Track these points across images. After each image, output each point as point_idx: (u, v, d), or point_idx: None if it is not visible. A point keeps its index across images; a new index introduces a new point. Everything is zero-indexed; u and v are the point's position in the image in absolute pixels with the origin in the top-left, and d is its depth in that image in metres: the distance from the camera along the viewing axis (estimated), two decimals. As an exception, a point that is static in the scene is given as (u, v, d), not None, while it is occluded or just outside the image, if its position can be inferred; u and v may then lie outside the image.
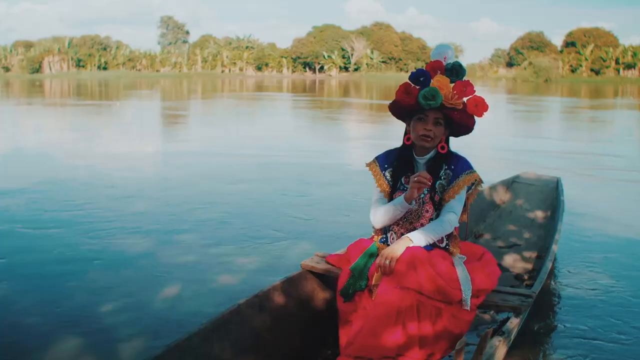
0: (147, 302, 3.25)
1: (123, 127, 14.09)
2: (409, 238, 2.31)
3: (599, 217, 5.35)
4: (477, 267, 2.43)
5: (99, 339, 2.81)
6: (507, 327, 2.31)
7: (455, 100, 2.30)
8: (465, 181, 2.39)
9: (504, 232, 4.31)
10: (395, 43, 77.44)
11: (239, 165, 8.16)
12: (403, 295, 2.16)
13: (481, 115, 2.35)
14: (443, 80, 2.31)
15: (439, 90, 2.28)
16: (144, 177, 7.22)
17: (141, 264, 3.88)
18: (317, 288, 2.78)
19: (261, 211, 5.40)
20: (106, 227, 4.73)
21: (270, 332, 2.46)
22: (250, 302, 2.44)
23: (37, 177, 6.79)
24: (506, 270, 3.55)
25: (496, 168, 7.40)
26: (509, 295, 2.52)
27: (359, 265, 2.39)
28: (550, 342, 2.90)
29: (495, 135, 12.25)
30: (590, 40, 70.48)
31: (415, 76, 2.35)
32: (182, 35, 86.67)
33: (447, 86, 2.31)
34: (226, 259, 4.01)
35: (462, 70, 2.37)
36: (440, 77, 2.33)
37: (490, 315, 3.07)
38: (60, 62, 69.28)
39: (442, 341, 2.23)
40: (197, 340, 2.15)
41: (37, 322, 2.98)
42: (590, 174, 7.88)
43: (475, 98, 2.32)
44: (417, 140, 2.39)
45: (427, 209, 2.40)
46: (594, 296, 3.44)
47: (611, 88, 47.33)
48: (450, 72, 2.36)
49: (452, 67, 2.37)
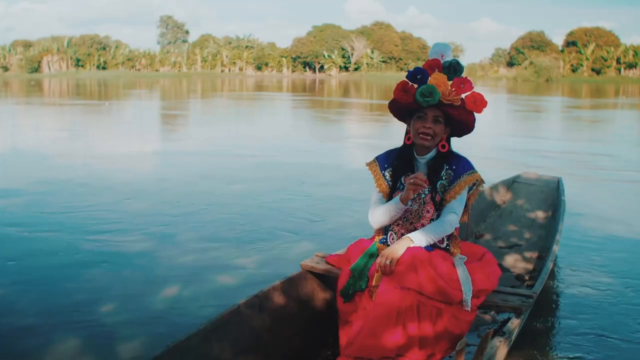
0: (146, 303, 3.25)
1: (108, 127, 14.03)
2: (409, 238, 2.31)
3: (600, 217, 5.35)
4: (477, 268, 2.43)
5: (98, 340, 2.81)
6: (508, 327, 2.31)
7: (452, 96, 2.31)
8: (466, 182, 2.39)
9: (505, 232, 4.31)
10: (395, 43, 77.45)
11: (237, 165, 8.16)
12: (403, 296, 2.16)
13: (480, 111, 2.35)
14: (440, 77, 2.32)
15: (437, 87, 2.29)
16: (133, 176, 7.22)
17: (140, 264, 3.88)
18: (317, 288, 2.78)
19: (261, 211, 5.40)
20: (104, 227, 4.73)
21: (270, 333, 2.47)
22: (250, 302, 2.45)
23: (27, 177, 6.79)
24: (507, 270, 3.55)
25: (496, 168, 7.40)
26: (510, 296, 2.52)
27: (359, 265, 2.39)
28: (551, 343, 2.90)
29: (495, 135, 12.25)
30: (591, 40, 70.47)
31: (412, 74, 2.36)
32: (182, 34, 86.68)
33: (445, 83, 2.32)
34: (225, 259, 4.01)
35: (460, 68, 2.37)
36: (437, 74, 2.34)
37: (491, 315, 3.07)
38: (59, 61, 69.27)
39: (443, 342, 2.23)
40: (196, 340, 2.15)
41: (36, 322, 2.98)
42: (591, 173, 7.88)
43: (474, 94, 2.33)
44: (417, 138, 2.39)
45: (428, 209, 2.40)
46: (595, 296, 3.45)
47: (612, 87, 47.32)
48: (448, 69, 2.37)
49: (450, 64, 2.37)
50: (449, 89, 2.31)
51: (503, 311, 2.73)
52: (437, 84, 2.30)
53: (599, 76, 67.56)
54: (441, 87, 2.30)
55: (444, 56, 2.40)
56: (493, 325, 2.95)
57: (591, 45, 69.64)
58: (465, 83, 2.33)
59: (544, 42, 75.31)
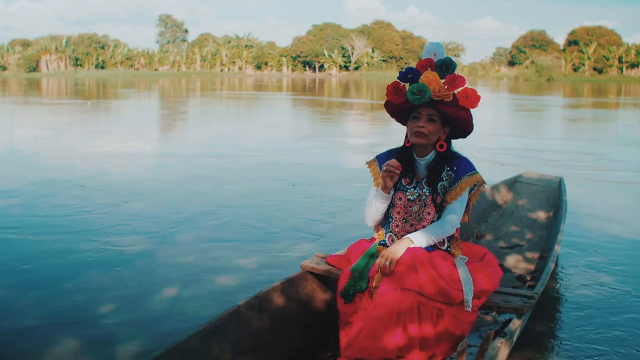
0: (145, 304, 3.26)
1: (82, 127, 13.95)
2: (409, 239, 2.31)
3: (602, 217, 5.35)
4: (478, 268, 2.43)
5: (97, 341, 2.81)
6: (509, 328, 2.31)
7: (443, 92, 2.31)
8: (467, 183, 2.39)
9: (506, 232, 4.31)
10: (395, 42, 77.47)
11: (236, 165, 8.16)
12: (404, 297, 2.16)
13: (474, 106, 2.36)
14: (432, 75, 2.33)
15: (427, 85, 2.30)
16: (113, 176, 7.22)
17: (139, 265, 3.88)
18: (317, 289, 2.78)
19: (260, 211, 5.40)
20: (102, 228, 4.74)
21: (269, 334, 2.47)
22: (250, 303, 2.45)
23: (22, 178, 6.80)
24: (508, 271, 3.55)
25: (497, 168, 7.40)
26: (511, 297, 2.52)
27: (360, 266, 2.39)
28: (553, 344, 2.90)
29: (495, 135, 12.25)
30: (593, 39, 70.45)
31: (404, 74, 2.37)
32: (181, 33, 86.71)
33: (437, 81, 2.32)
34: (225, 260, 4.01)
35: (452, 65, 2.38)
36: (428, 72, 2.35)
37: (492, 316, 3.07)
38: (57, 60, 69.24)
39: (444, 343, 2.23)
40: (196, 341, 2.15)
41: (34, 324, 2.98)
42: (593, 173, 7.88)
43: (466, 90, 2.33)
44: (412, 137, 2.40)
45: (429, 211, 2.40)
46: (597, 297, 3.45)
47: (614, 87, 47.32)
48: (440, 67, 2.38)
49: (442, 62, 2.38)
50: (440, 86, 2.31)
51: (504, 312, 2.73)
52: (428, 82, 2.31)
53: (600, 75, 67.54)
54: (432, 84, 2.31)
55: (437, 55, 2.41)
56: (494, 326, 2.95)
57: (593, 44, 69.61)
58: (457, 79, 2.34)
59: (546, 41, 75.32)
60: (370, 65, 76.02)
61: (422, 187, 2.42)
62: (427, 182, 2.42)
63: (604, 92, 38.46)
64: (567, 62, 70.47)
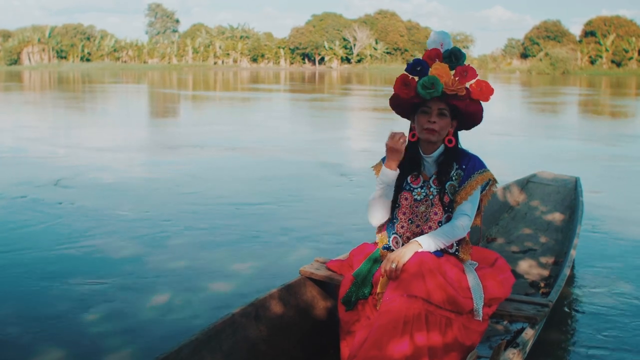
0: (134, 311, 3.26)
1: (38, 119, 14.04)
2: (417, 242, 2.30)
3: (621, 220, 5.35)
4: (489, 274, 2.43)
5: (83, 352, 2.82)
6: (522, 338, 2.31)
7: (456, 86, 2.31)
8: (478, 181, 2.39)
9: (518, 235, 4.31)
10: (400, 33, 77.50)
11: (234, 165, 8.16)
12: (410, 304, 2.16)
13: (487, 100, 2.36)
14: (442, 67, 2.33)
15: (439, 78, 2.30)
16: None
17: (127, 270, 3.88)
18: (317, 296, 2.78)
19: (257, 214, 5.40)
20: (89, 231, 4.74)
21: (266, 344, 2.47)
22: (245, 311, 2.45)
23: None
24: (521, 277, 3.55)
25: (509, 167, 7.40)
26: (524, 304, 2.52)
27: (363, 271, 2.39)
28: (568, 355, 2.90)
29: (509, 133, 12.25)
30: (611, 30, 70.44)
31: (412, 66, 2.37)
32: (172, 24, 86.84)
33: (447, 73, 2.32)
34: (219, 265, 4.01)
35: (462, 55, 2.38)
36: (438, 64, 2.34)
37: (504, 325, 3.07)
38: (40, 52, 69.35)
39: (452, 353, 2.23)
40: (187, 352, 2.15)
41: (17, 332, 2.99)
42: (612, 173, 7.88)
43: (479, 82, 2.33)
44: (422, 134, 2.39)
45: (436, 211, 2.40)
46: (615, 306, 3.44)
47: (634, 81, 47.33)
48: (449, 58, 2.37)
49: (451, 52, 2.38)
50: (451, 79, 2.31)
51: (516, 321, 2.73)
52: (438, 75, 2.31)
53: (619, 68, 67.54)
54: (443, 77, 2.31)
55: (443, 45, 2.41)
56: (506, 336, 2.95)
57: (611, 35, 69.61)
58: (469, 71, 2.34)
59: (561, 32, 75.34)
60: (373, 58, 76.07)
61: (430, 187, 2.42)
62: (435, 181, 2.42)
63: (623, 86, 38.47)
64: (583, 55, 70.51)
